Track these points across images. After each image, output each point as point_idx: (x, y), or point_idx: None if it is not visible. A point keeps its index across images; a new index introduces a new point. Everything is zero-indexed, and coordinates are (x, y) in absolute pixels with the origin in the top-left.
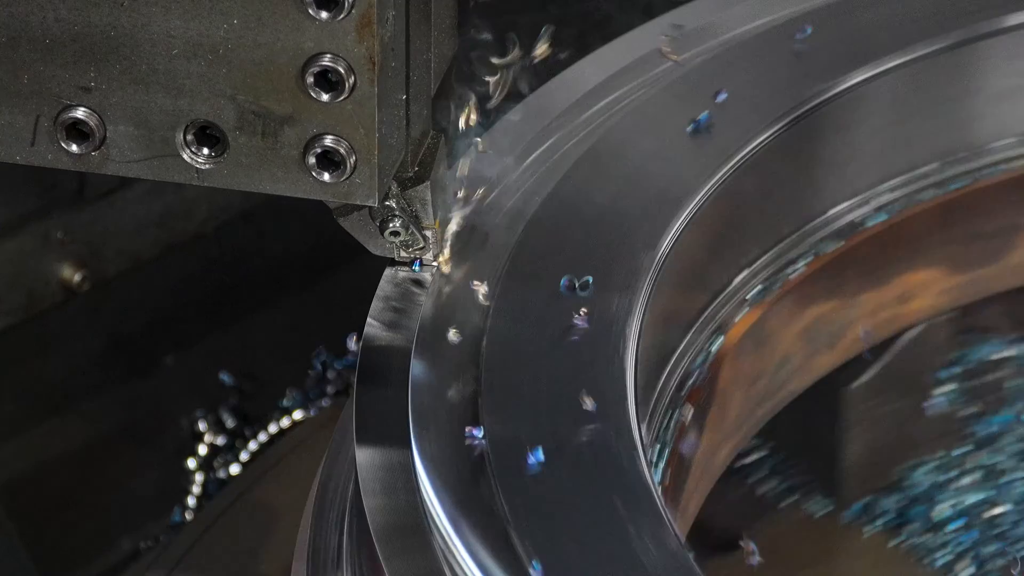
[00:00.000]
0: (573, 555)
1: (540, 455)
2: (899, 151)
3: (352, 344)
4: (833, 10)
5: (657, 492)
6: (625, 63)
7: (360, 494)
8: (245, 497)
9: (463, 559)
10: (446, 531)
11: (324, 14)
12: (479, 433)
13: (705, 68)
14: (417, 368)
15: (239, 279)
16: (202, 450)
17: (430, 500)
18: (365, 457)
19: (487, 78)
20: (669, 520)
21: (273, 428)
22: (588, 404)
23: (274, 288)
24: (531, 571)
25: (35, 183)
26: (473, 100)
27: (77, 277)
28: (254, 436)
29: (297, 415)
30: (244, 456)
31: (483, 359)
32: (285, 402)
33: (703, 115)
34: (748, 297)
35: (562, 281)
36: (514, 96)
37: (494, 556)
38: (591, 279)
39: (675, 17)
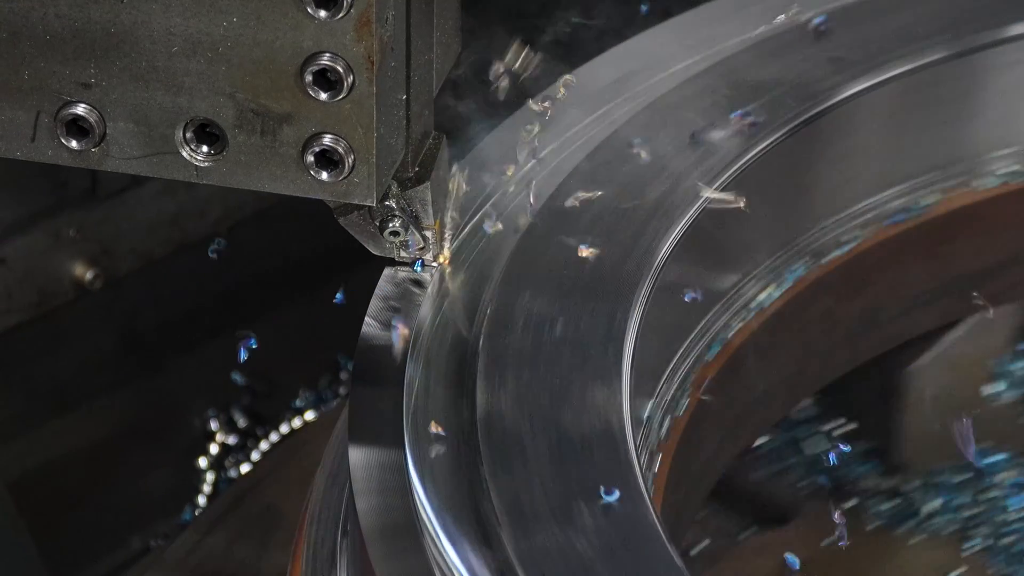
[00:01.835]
0: (564, 558)
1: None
2: (900, 160)
3: None
4: (834, 17)
5: (651, 496)
6: (632, 67)
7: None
8: (248, 497)
9: (453, 562)
10: (437, 533)
11: (323, 13)
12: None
13: (709, 73)
14: (413, 368)
15: (252, 279)
16: (213, 449)
17: (422, 502)
18: (358, 457)
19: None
20: (661, 526)
21: (285, 428)
22: None
23: (287, 288)
24: None
25: (47, 181)
26: None
27: (89, 275)
28: (266, 436)
29: (309, 416)
30: (255, 456)
31: (480, 360)
32: (298, 402)
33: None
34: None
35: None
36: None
37: (484, 559)
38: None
39: (682, 21)
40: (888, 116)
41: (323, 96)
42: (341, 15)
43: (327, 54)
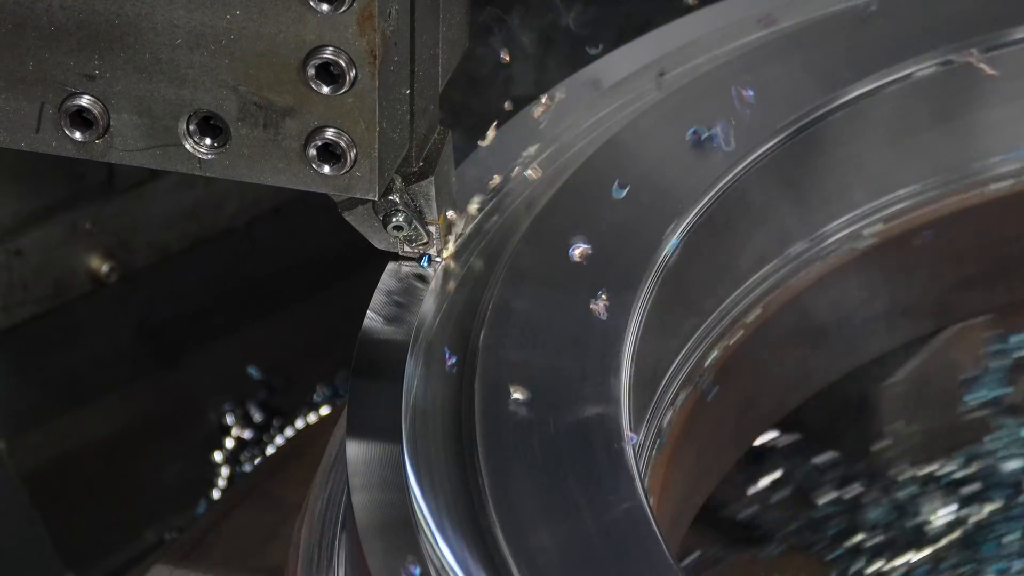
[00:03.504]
0: (559, 557)
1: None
2: (900, 165)
3: None
4: (836, 20)
5: (647, 497)
6: (637, 66)
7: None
8: (254, 493)
9: (447, 559)
10: (432, 530)
11: (325, 7)
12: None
13: (711, 75)
14: (412, 364)
15: (269, 273)
16: (229, 443)
17: (417, 498)
18: (356, 452)
19: None
20: (657, 527)
21: (300, 423)
22: None
23: (304, 283)
24: None
25: (64, 173)
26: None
27: (105, 268)
28: (281, 431)
29: (325, 411)
30: (270, 450)
31: (480, 358)
32: (315, 397)
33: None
34: None
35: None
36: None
37: (479, 557)
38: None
39: (685, 23)
40: None
41: (325, 90)
42: (344, 9)
43: (330, 48)
